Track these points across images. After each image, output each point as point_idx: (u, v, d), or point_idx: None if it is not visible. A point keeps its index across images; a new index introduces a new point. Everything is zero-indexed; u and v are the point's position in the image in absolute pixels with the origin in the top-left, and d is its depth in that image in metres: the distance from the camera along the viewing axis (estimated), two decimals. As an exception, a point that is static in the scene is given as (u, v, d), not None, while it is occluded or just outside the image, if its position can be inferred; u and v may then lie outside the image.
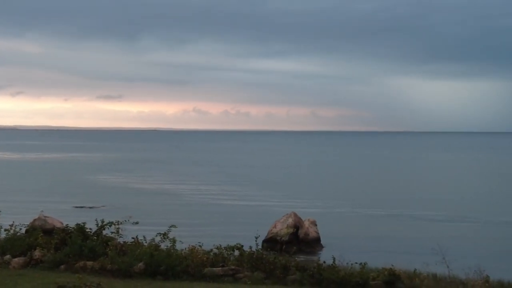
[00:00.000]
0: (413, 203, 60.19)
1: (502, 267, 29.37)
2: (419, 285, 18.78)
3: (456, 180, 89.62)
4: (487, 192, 71.87)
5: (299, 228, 38.27)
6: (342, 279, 18.81)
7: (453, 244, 36.54)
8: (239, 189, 72.67)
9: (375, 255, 30.22)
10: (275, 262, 19.85)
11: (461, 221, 49.76)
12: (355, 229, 45.02)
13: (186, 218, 45.86)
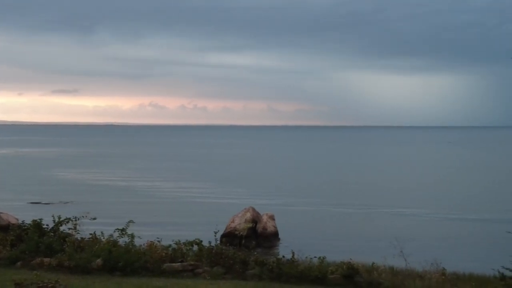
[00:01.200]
0: (371, 197, 60.70)
1: (457, 260, 29.82)
2: (377, 278, 18.93)
3: (413, 174, 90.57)
4: (443, 186, 72.78)
5: (257, 222, 38.33)
6: (301, 273, 18.88)
7: (411, 237, 36.98)
8: (197, 184, 72.48)
9: (333, 249, 30.42)
10: (234, 257, 19.85)
11: (418, 215, 50.32)
12: (313, 223, 45.24)
13: (144, 214, 45.57)
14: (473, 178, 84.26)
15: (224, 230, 36.76)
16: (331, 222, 46.19)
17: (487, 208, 53.51)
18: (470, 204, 56.77)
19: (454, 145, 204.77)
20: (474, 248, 37.53)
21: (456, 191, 67.25)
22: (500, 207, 53.60)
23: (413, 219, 48.50)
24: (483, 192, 66.47)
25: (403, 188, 69.95)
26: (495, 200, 59.73)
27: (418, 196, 62.86)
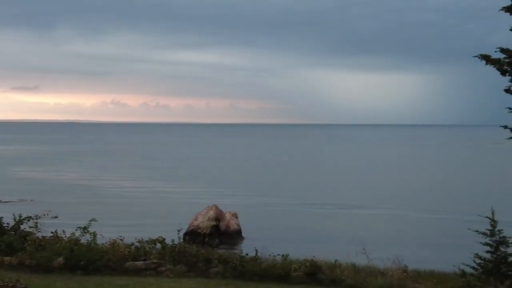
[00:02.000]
0: (333, 195, 61.03)
1: (419, 257, 30.10)
2: (339, 276, 19.01)
3: (375, 172, 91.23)
4: (405, 184, 73.48)
5: (221, 220, 38.34)
6: (264, 271, 18.90)
7: (373, 235, 37.30)
8: (159, 182, 72.21)
9: (296, 247, 30.46)
10: (197, 255, 19.79)
11: (380, 212, 50.76)
12: (276, 221, 45.36)
13: (107, 212, 45.25)
14: (434, 176, 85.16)
15: (187, 228, 36.70)
16: (294, 220, 46.32)
17: (447, 206, 54.16)
18: (431, 202, 57.39)
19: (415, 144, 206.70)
20: (435, 245, 37.96)
21: (417, 190, 67.91)
22: (460, 205, 54.25)
23: (375, 217, 48.90)
24: (444, 190, 67.23)
25: (365, 186, 70.42)
26: (456, 198, 60.48)
27: (379, 194, 63.34)
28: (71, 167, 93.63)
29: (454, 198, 59.84)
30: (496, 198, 50.74)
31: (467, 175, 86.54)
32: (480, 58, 15.42)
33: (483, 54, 15.38)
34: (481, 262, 18.38)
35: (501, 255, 18.24)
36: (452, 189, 67.95)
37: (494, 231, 18.43)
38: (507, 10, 15.33)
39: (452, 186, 71.75)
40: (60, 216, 22.85)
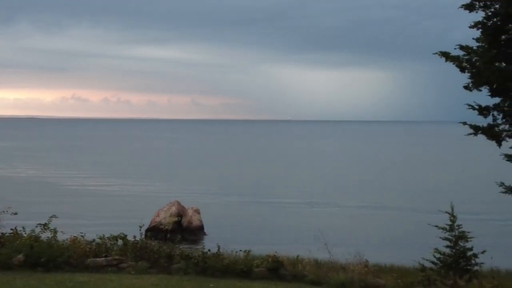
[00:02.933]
0: (295, 191, 61.28)
1: (380, 251, 30.39)
2: (301, 271, 19.09)
3: (336, 167, 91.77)
4: (365, 180, 73.99)
5: (183, 216, 38.25)
6: (227, 267, 18.90)
7: (334, 230, 37.50)
8: (121, 178, 71.76)
9: (259, 243, 30.61)
10: (159, 251, 19.70)
11: (341, 208, 51.09)
12: (239, 217, 45.41)
13: (68, 208, 44.86)
14: (394, 171, 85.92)
15: (149, 224, 36.56)
16: (256, 216, 46.42)
17: (408, 201, 54.71)
18: (391, 197, 57.92)
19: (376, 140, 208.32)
20: (396, 240, 38.35)
21: (377, 185, 68.47)
22: (420, 200, 54.85)
23: (336, 212, 49.19)
24: (404, 186, 67.87)
25: (326, 182, 70.82)
26: (416, 193, 61.09)
27: (340, 190, 63.76)
28: (31, 163, 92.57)
29: (415, 194, 60.46)
30: (456, 193, 51.34)
31: (427, 170, 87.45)
32: (440, 55, 15.57)
33: (443, 51, 15.53)
34: (440, 256, 18.61)
35: (460, 249, 18.49)
36: (413, 185, 68.62)
37: (453, 226, 18.67)
38: (466, 8, 15.50)
39: (412, 181, 72.45)
40: (20, 212, 22.53)
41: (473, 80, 15.39)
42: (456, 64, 15.34)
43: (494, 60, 15.03)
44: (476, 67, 15.03)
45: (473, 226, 20.64)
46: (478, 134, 15.89)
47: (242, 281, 18.23)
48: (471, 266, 18.36)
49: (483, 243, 19.84)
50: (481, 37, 15.45)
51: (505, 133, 15.69)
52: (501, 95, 15.51)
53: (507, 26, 14.56)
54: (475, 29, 15.45)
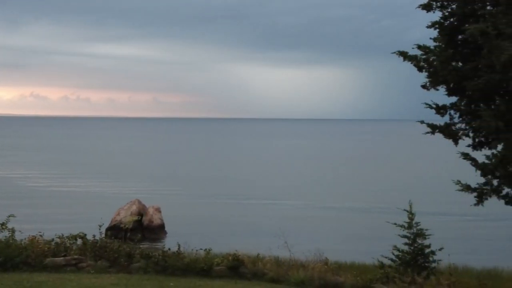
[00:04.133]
0: (255, 189, 61.39)
1: (340, 249, 30.59)
2: (262, 269, 19.15)
3: (297, 165, 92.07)
4: (325, 178, 74.41)
5: (143, 215, 38.09)
6: (187, 266, 18.88)
7: (295, 228, 37.65)
8: (81, 176, 71.14)
9: (219, 241, 30.56)
10: (119, 250, 19.60)
11: (302, 206, 51.30)
12: (200, 216, 45.34)
13: (26, 207, 44.33)
14: (354, 169, 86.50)
15: (109, 223, 36.34)
16: (217, 214, 46.39)
17: (367, 199, 55.15)
18: (352, 195, 58.34)
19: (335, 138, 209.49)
20: (356, 237, 38.65)
21: (337, 183, 68.93)
22: (380, 198, 55.31)
23: (296, 210, 49.39)
24: (364, 184, 68.38)
25: (286, 180, 71.03)
26: (375, 191, 61.60)
27: (301, 188, 64.03)
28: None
29: (374, 192, 60.95)
30: (414, 192, 51.92)
31: (386, 169, 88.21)
32: (398, 54, 15.73)
33: (401, 51, 15.69)
34: (399, 254, 18.82)
35: (418, 247, 18.72)
36: (372, 183, 69.17)
37: (412, 223, 18.90)
38: (423, 8, 15.68)
39: (371, 179, 73.02)
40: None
41: (431, 80, 15.58)
42: (414, 64, 15.51)
43: (451, 60, 15.23)
44: (433, 66, 15.21)
45: (431, 224, 20.87)
46: (436, 132, 16.09)
47: (202, 280, 18.23)
48: (429, 263, 18.62)
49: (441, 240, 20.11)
50: (438, 37, 15.65)
51: (461, 132, 15.91)
52: (458, 95, 15.73)
53: (463, 26, 14.75)
54: (433, 29, 15.65)
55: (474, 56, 14.98)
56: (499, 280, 22.46)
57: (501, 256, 32.37)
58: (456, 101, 15.95)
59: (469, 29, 13.90)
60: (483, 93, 14.74)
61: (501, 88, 14.58)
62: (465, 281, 18.65)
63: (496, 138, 14.37)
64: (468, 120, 15.70)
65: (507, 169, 14.66)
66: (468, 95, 15.19)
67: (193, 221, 42.50)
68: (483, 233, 40.55)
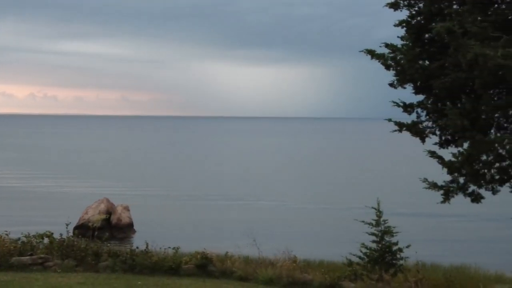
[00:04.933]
0: (224, 187, 61.33)
1: (308, 247, 30.68)
2: (230, 267, 19.16)
3: (265, 164, 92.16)
4: (293, 176, 74.60)
5: (112, 214, 37.89)
6: (155, 264, 18.83)
7: (263, 226, 37.73)
8: (49, 175, 70.50)
9: (188, 240, 30.50)
10: (87, 249, 19.50)
11: (270, 204, 51.36)
12: (168, 214, 45.21)
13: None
14: (322, 168, 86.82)
15: (77, 222, 36.08)
16: (186, 213, 46.29)
17: (336, 197, 55.41)
18: (320, 193, 58.56)
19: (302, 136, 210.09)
20: (324, 235, 38.79)
21: (306, 181, 69.12)
22: (348, 196, 55.58)
23: (265, 208, 49.45)
24: (331, 181, 68.67)
25: (255, 179, 71.06)
26: (344, 189, 61.92)
27: (269, 185, 64.11)
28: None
29: (342, 190, 61.26)
30: (382, 189, 52.26)
31: (354, 167, 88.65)
32: (366, 53, 15.79)
33: (369, 49, 15.74)
34: (367, 251, 18.94)
35: (386, 244, 18.85)
36: (340, 181, 69.51)
37: (380, 221, 19.03)
38: (391, 6, 15.75)
39: (339, 177, 73.35)
40: None
41: (398, 78, 15.65)
42: (382, 62, 15.56)
43: (418, 58, 15.31)
44: (400, 65, 15.28)
45: (399, 222, 21.02)
46: (403, 131, 16.17)
47: (170, 278, 18.19)
48: (397, 260, 18.76)
49: (408, 237, 20.28)
50: (405, 36, 15.73)
51: (428, 130, 16.01)
52: (425, 93, 15.82)
53: (430, 25, 14.84)
54: (400, 27, 15.73)
55: (440, 55, 15.08)
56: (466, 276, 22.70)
57: (468, 253, 32.74)
58: (423, 99, 16.05)
59: (436, 28, 13.98)
60: (449, 92, 14.84)
61: (467, 86, 14.70)
62: (432, 278, 18.82)
63: (462, 136, 14.48)
64: (435, 119, 15.80)
65: (473, 167, 14.79)
66: (435, 93, 15.28)
67: (162, 220, 42.34)
68: (450, 230, 40.94)
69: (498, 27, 14.27)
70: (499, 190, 15.42)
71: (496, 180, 15.12)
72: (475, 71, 13.67)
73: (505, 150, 14.27)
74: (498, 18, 14.38)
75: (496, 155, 14.57)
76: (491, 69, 13.34)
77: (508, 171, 14.90)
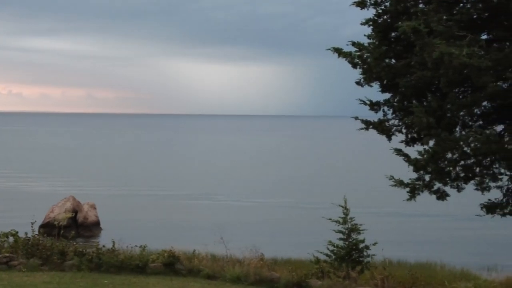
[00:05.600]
0: (192, 185, 61.21)
1: (276, 245, 30.75)
2: (197, 266, 19.10)
3: (232, 162, 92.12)
4: (260, 174, 74.63)
5: (78, 212, 37.62)
6: (122, 263, 18.70)
7: (231, 224, 37.71)
8: (14, 173, 69.73)
9: (155, 238, 30.38)
10: (52, 247, 19.30)
11: (238, 202, 51.36)
12: (135, 212, 44.99)
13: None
14: (289, 166, 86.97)
15: (43, 220, 35.75)
16: (153, 211, 46.09)
17: (303, 195, 55.55)
18: (288, 191, 58.65)
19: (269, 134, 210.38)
20: (292, 233, 38.88)
21: (273, 179, 69.15)
22: (315, 193, 55.78)
23: (232, 206, 49.44)
24: (299, 179, 68.84)
25: (221, 176, 71.00)
26: (310, 186, 62.10)
27: (237, 183, 64.10)
28: None
29: (309, 187, 61.44)
30: (350, 187, 52.51)
31: (321, 164, 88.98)
32: (333, 51, 15.86)
33: (336, 47, 15.82)
34: (334, 249, 19.04)
35: (353, 241, 18.97)
36: (307, 179, 69.70)
37: (346, 218, 19.13)
38: (357, 5, 15.85)
39: (306, 175, 73.56)
40: None
41: (365, 76, 15.76)
42: (348, 60, 15.65)
43: (384, 57, 15.43)
44: (367, 63, 15.38)
45: (365, 219, 21.17)
46: (370, 129, 16.28)
47: (137, 277, 18.09)
48: (363, 258, 18.88)
49: (375, 235, 20.41)
50: (372, 34, 15.84)
51: (394, 128, 16.15)
52: (391, 91, 15.95)
53: (396, 24, 14.95)
54: (367, 26, 15.83)
55: (407, 53, 15.21)
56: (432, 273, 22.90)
57: (434, 250, 33.03)
58: (389, 97, 16.18)
59: (402, 27, 14.08)
60: (415, 90, 14.97)
61: (433, 85, 14.84)
62: (399, 274, 18.95)
63: (428, 134, 14.61)
64: (401, 117, 15.93)
65: (438, 164, 14.93)
66: (401, 91, 15.40)
67: (129, 218, 42.12)
68: (416, 228, 41.29)
69: (463, 26, 14.43)
70: (464, 188, 15.59)
71: (461, 178, 15.29)
72: (441, 70, 13.80)
73: (470, 148, 14.43)
74: (463, 17, 14.54)
75: (461, 153, 14.72)
76: (456, 67, 13.48)
77: (473, 168, 15.07)
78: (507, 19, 14.75)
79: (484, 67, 13.45)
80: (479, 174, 15.08)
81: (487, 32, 15.11)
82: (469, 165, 14.97)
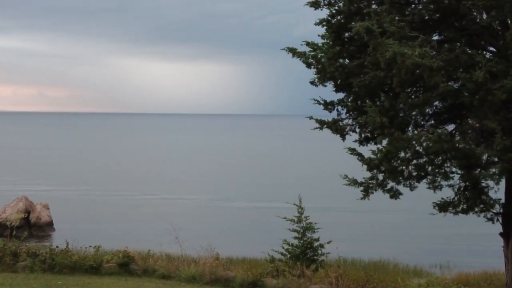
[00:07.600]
0: (146, 184, 60.89)
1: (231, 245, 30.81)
2: (152, 265, 19.05)
3: (186, 161, 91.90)
4: (215, 173, 74.62)
5: (31, 212, 37.18)
6: (75, 263, 18.55)
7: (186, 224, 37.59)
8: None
9: (110, 238, 30.19)
10: (4, 248, 19.07)
11: (192, 201, 51.28)
12: (89, 212, 44.61)
13: None
14: (243, 165, 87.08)
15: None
16: (108, 211, 45.78)
17: (257, 194, 55.72)
18: (242, 190, 58.76)
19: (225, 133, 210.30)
20: (247, 232, 38.97)
21: (228, 178, 69.22)
22: (270, 193, 55.92)
23: (188, 205, 49.35)
24: (253, 178, 68.96)
25: (176, 175, 70.80)
26: (265, 185, 62.25)
27: (191, 182, 64.00)
28: None
29: (264, 187, 61.56)
30: (304, 186, 52.81)
31: (275, 163, 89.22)
32: (287, 51, 15.93)
33: (290, 47, 15.89)
34: (289, 247, 19.16)
35: (308, 240, 19.11)
36: (261, 178, 69.81)
37: (301, 217, 19.27)
38: (311, 5, 15.94)
39: (261, 174, 73.70)
40: None
41: (319, 76, 15.84)
42: (303, 60, 15.72)
43: (338, 57, 15.53)
44: (320, 63, 15.46)
45: (320, 218, 21.32)
46: (324, 128, 16.38)
47: (91, 278, 17.97)
48: (318, 256, 19.05)
49: (329, 233, 20.58)
50: (326, 34, 15.94)
51: (348, 127, 16.28)
52: (345, 91, 16.07)
53: (350, 24, 15.08)
54: (320, 26, 15.92)
55: (360, 53, 15.35)
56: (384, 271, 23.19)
57: (387, 248, 33.42)
58: (343, 97, 16.30)
59: (355, 27, 14.20)
60: (368, 90, 15.11)
61: (386, 85, 14.99)
62: (353, 273, 19.15)
63: (381, 133, 14.74)
64: (355, 116, 16.07)
65: (392, 163, 15.09)
66: (355, 91, 15.53)
67: (83, 218, 41.77)
68: (370, 226, 41.69)
69: (415, 27, 14.63)
70: (417, 186, 15.78)
71: (414, 177, 15.47)
72: (394, 70, 13.95)
73: (422, 147, 14.61)
74: (415, 18, 14.73)
75: (414, 152, 14.90)
76: (408, 67, 13.64)
77: (425, 167, 15.26)
78: (458, 20, 14.99)
79: (436, 67, 13.64)
80: (431, 173, 15.27)
81: (438, 33, 15.31)
82: (422, 164, 15.16)
